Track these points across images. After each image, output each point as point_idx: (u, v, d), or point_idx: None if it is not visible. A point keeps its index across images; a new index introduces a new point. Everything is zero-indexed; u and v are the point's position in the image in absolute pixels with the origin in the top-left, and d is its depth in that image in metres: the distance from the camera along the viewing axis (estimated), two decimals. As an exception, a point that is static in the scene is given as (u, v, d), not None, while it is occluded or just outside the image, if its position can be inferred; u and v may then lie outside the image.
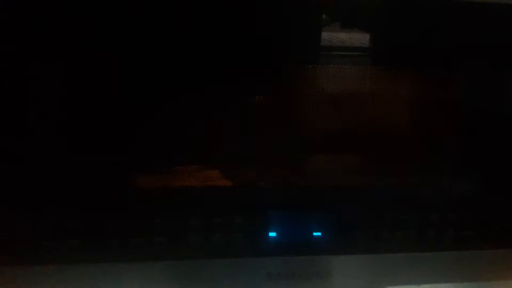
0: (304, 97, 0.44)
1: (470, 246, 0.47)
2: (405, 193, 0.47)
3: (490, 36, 0.43)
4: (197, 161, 0.44)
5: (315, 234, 0.46)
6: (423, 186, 0.47)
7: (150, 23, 0.38)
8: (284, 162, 0.45)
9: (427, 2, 0.41)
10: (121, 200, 0.43)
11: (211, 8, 0.38)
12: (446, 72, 0.45)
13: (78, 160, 0.41)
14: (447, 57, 0.44)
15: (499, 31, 0.43)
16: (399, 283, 0.47)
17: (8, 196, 0.40)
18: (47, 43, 0.37)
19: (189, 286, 0.45)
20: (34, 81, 0.38)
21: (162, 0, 0.38)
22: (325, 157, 0.47)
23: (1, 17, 0.36)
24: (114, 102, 0.40)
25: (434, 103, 0.46)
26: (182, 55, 0.40)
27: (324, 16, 0.42)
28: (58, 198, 0.41)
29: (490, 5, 0.41)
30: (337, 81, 0.43)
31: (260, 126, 0.44)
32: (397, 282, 0.47)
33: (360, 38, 0.43)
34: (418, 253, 0.47)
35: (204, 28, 0.39)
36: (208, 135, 0.44)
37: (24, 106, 0.38)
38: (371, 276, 0.47)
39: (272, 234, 0.45)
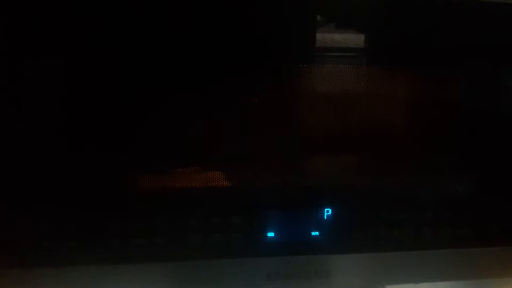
0: (302, 97, 0.44)
1: (467, 244, 0.47)
2: (403, 192, 0.47)
3: (486, 35, 0.44)
4: (196, 161, 0.44)
5: (313, 233, 0.46)
6: (420, 185, 0.48)
7: (150, 23, 0.39)
8: (282, 162, 0.46)
9: (421, 2, 0.42)
10: (120, 200, 0.43)
11: (209, 9, 0.39)
12: (442, 71, 0.46)
13: (78, 161, 0.41)
14: (443, 56, 0.44)
15: (496, 30, 0.43)
16: (398, 282, 0.47)
17: (8, 196, 0.40)
18: (50, 43, 0.38)
19: (189, 286, 0.45)
20: (35, 80, 0.38)
21: (162, 0, 0.38)
22: (322, 157, 0.47)
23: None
24: (114, 103, 0.40)
25: (430, 103, 0.46)
26: (179, 56, 0.40)
27: (319, 17, 0.42)
28: (57, 199, 0.41)
29: (485, 4, 0.42)
30: (333, 80, 0.44)
31: (257, 126, 0.45)
32: (395, 280, 0.47)
33: (354, 39, 0.44)
34: (416, 251, 0.47)
35: (203, 28, 0.40)
36: (206, 135, 0.44)
37: (24, 106, 0.39)
38: (370, 275, 0.47)
39: (271, 234, 0.45)
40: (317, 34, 0.42)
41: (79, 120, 0.40)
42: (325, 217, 0.46)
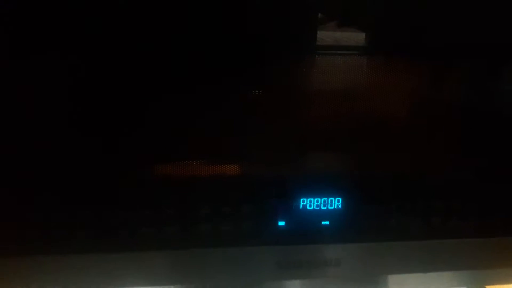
0: (306, 90, 0.44)
1: (474, 235, 0.48)
2: (410, 183, 0.48)
3: (484, 32, 0.44)
4: (207, 151, 0.44)
5: (323, 222, 0.46)
6: (427, 176, 0.48)
7: (146, 20, 0.38)
8: (292, 152, 0.46)
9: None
10: (131, 190, 0.43)
11: (208, 4, 0.39)
12: (443, 65, 0.46)
13: (88, 150, 0.41)
14: (444, 48, 0.44)
15: (494, 24, 0.44)
16: (406, 271, 0.48)
17: (17, 187, 0.40)
18: (56, 41, 0.38)
19: (199, 275, 0.45)
20: (44, 75, 0.38)
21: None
22: (331, 148, 0.47)
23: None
24: (126, 93, 0.40)
25: (433, 95, 0.46)
26: (189, 51, 0.40)
27: (320, 15, 0.42)
28: (67, 188, 0.41)
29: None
30: (334, 73, 0.44)
31: (267, 116, 0.45)
32: (403, 269, 0.48)
33: (356, 37, 0.44)
34: (423, 241, 0.47)
35: (206, 26, 0.39)
36: (216, 127, 0.44)
37: (39, 99, 0.39)
38: (378, 264, 0.47)
39: (281, 223, 0.45)
40: (318, 32, 0.42)
41: (90, 110, 0.40)
42: (335, 206, 0.46)
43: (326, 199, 0.46)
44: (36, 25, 0.37)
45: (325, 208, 0.46)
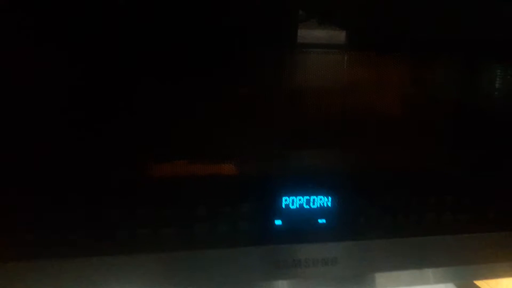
0: (299, 87, 0.44)
1: (468, 230, 0.48)
2: (405, 179, 0.48)
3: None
4: (202, 151, 0.44)
5: (320, 221, 0.46)
6: (422, 171, 0.49)
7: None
8: (287, 151, 0.46)
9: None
10: (126, 191, 0.42)
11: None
12: (432, 56, 0.46)
13: (83, 150, 0.40)
14: (433, 41, 0.45)
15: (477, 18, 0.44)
16: (402, 267, 0.48)
17: (11, 189, 0.39)
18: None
19: (196, 276, 0.44)
20: (37, 74, 0.38)
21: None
22: (325, 145, 0.47)
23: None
24: (116, 95, 0.40)
25: (426, 88, 0.47)
26: (172, 45, 0.40)
27: (301, 12, 0.42)
28: (62, 190, 0.40)
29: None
30: (325, 68, 0.44)
31: (261, 115, 0.44)
32: (399, 266, 0.48)
33: (337, 34, 0.44)
34: (419, 237, 0.48)
35: (187, 22, 0.39)
36: (212, 126, 0.44)
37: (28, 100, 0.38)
38: (375, 261, 0.47)
39: (278, 222, 0.45)
40: (299, 30, 0.42)
41: (85, 110, 0.40)
42: (331, 205, 0.46)
43: (322, 197, 0.46)
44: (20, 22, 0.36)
45: (321, 206, 0.46)
